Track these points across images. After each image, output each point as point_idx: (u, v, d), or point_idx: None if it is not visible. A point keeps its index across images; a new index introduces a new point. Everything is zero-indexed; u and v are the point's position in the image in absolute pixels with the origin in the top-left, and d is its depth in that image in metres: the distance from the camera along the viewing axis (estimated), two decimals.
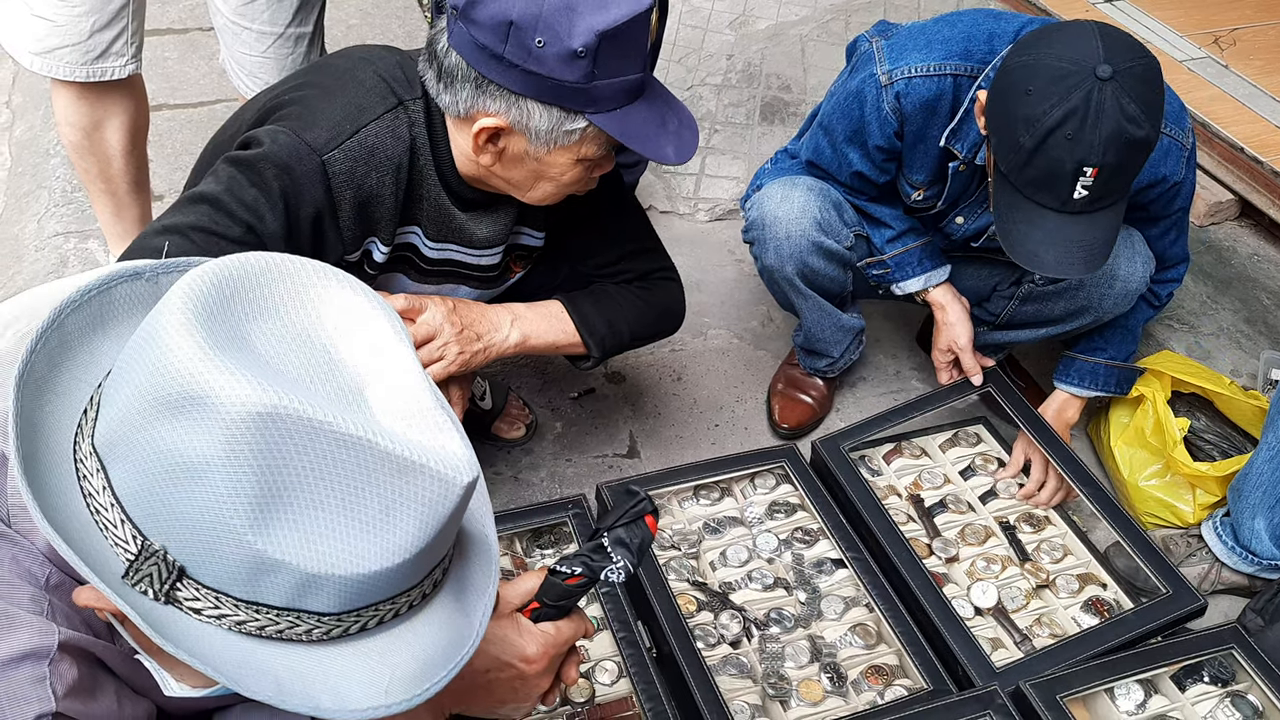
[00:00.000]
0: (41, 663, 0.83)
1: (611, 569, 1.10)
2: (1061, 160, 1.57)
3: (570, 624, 1.14)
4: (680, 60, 3.18)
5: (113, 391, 0.80)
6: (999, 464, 2.05)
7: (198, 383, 0.74)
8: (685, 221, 2.87)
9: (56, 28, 1.90)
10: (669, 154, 1.49)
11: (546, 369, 2.38)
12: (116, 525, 0.79)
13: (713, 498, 1.93)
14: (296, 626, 0.81)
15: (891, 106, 1.83)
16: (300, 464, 0.75)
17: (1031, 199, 1.64)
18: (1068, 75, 1.55)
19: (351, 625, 0.83)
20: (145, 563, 0.78)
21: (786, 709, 1.61)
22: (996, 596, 1.78)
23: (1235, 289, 2.75)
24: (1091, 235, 1.65)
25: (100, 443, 0.80)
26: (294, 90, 1.54)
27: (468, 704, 1.12)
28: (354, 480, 0.77)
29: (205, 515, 0.76)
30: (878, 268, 2.06)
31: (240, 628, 0.81)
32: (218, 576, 0.79)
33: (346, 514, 0.78)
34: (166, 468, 0.76)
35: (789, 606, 1.75)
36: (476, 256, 1.69)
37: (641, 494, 1.13)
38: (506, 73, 1.40)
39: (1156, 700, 1.62)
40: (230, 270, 0.81)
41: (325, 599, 0.80)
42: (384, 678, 0.84)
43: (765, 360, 2.47)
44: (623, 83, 1.42)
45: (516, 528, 1.78)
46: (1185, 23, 3.29)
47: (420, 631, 0.88)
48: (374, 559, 0.79)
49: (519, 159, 1.50)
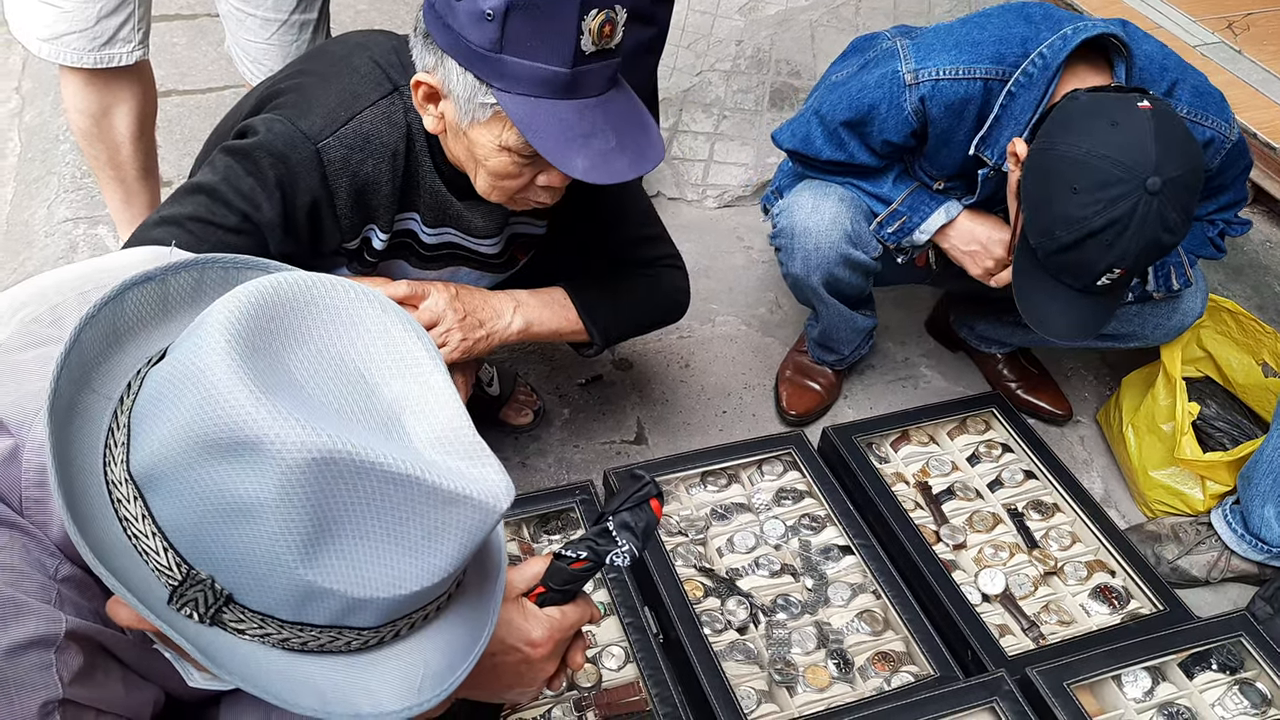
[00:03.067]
0: (48, 650, 0.84)
1: (616, 553, 1.10)
2: (1094, 261, 1.57)
3: (576, 609, 1.15)
4: (689, 46, 3.16)
5: (150, 422, 0.79)
6: (1004, 450, 2.04)
7: (251, 428, 0.74)
8: (693, 208, 2.86)
9: (64, 14, 1.91)
10: (576, 166, 1.38)
11: (554, 355, 2.38)
12: (159, 553, 0.80)
13: (720, 484, 1.93)
14: (338, 640, 0.84)
15: (914, 108, 1.79)
16: (350, 501, 0.77)
17: (1054, 277, 1.65)
18: (1117, 183, 1.52)
19: (388, 635, 0.86)
20: (191, 589, 0.80)
21: (793, 695, 1.61)
22: (1004, 583, 1.78)
23: (1247, 276, 2.74)
24: (1102, 310, 1.68)
25: (138, 472, 0.80)
26: (290, 78, 1.54)
27: (474, 689, 1.12)
28: (400, 512, 0.79)
29: (256, 551, 0.77)
30: (891, 221, 1.98)
31: (283, 644, 0.83)
32: (265, 603, 0.80)
33: (392, 543, 0.80)
34: (217, 507, 0.76)
35: (796, 593, 1.75)
36: (475, 243, 1.69)
37: (646, 478, 1.13)
38: (434, 25, 1.38)
39: (1164, 688, 1.62)
40: (266, 295, 0.81)
41: (368, 617, 0.83)
42: (416, 677, 0.88)
43: (773, 347, 2.46)
44: (537, 69, 1.35)
45: (524, 513, 1.78)
46: (1199, 7, 3.26)
47: (444, 629, 0.91)
48: (415, 580, 0.82)
49: (455, 131, 1.46)
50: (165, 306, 0.90)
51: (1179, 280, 1.96)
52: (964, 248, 1.95)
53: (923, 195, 1.95)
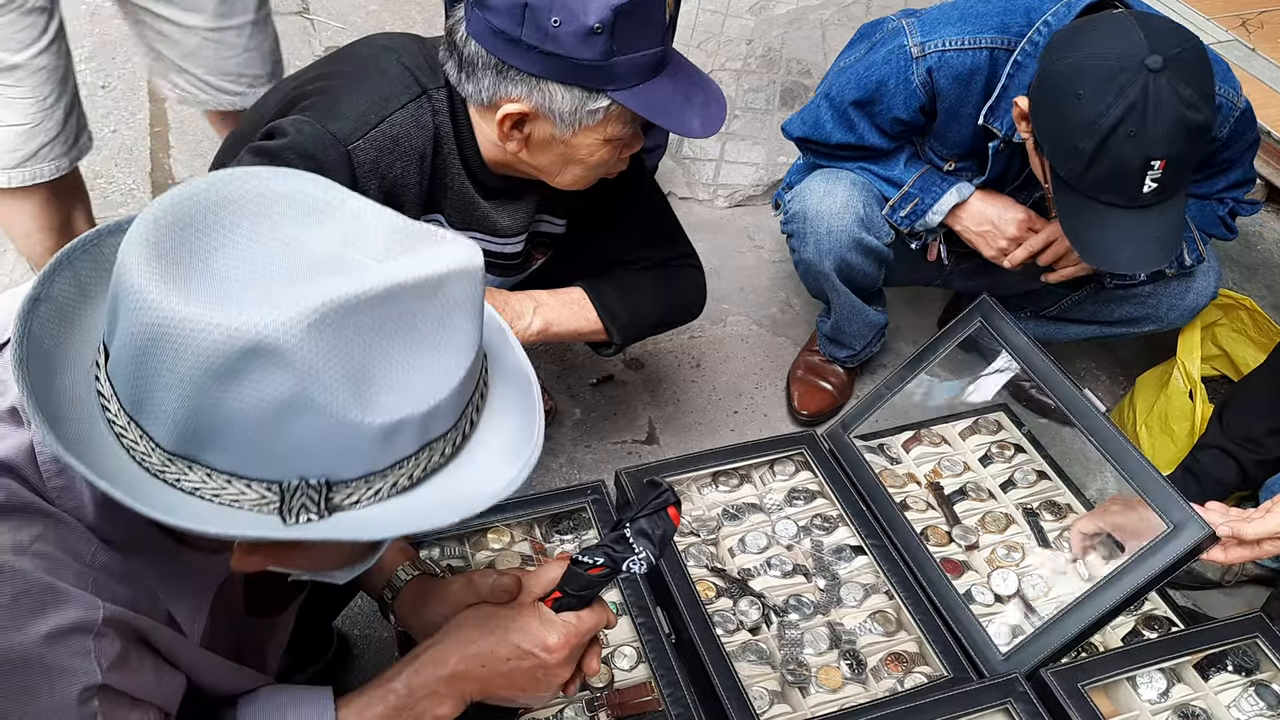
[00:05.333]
0: (87, 636, 0.85)
1: (634, 560, 1.11)
2: (1128, 158, 1.53)
3: (592, 614, 1.15)
4: (700, 45, 3.16)
5: (150, 395, 0.79)
6: (1016, 450, 2.03)
7: (239, 337, 0.75)
8: (704, 207, 2.86)
9: (31, 130, 1.79)
10: (695, 127, 1.48)
11: (566, 355, 2.38)
12: (247, 494, 0.81)
13: (732, 484, 1.92)
14: (433, 456, 0.87)
15: (922, 80, 1.79)
16: (361, 339, 0.79)
17: (1098, 200, 1.60)
18: (1118, 72, 1.51)
19: (465, 428, 0.90)
20: (294, 500, 0.82)
21: (805, 695, 1.61)
22: (1017, 584, 1.77)
23: (1262, 275, 2.72)
24: (1163, 227, 1.62)
25: (176, 447, 0.80)
26: (318, 79, 1.54)
27: (489, 691, 1.13)
28: (405, 322, 0.81)
29: (320, 430, 0.79)
30: (904, 204, 1.97)
31: (395, 490, 0.85)
32: (358, 467, 0.83)
33: (419, 350, 0.82)
34: (263, 423, 0.78)
35: (808, 593, 1.75)
36: (500, 244, 1.69)
37: (665, 485, 1.14)
38: (525, 56, 1.40)
39: (1179, 689, 1.61)
40: (168, 209, 0.80)
41: (442, 422, 0.86)
42: (507, 447, 0.92)
43: (785, 347, 2.46)
44: (642, 57, 1.41)
45: (535, 513, 1.78)
46: (1212, 5, 3.24)
47: (497, 402, 0.95)
48: (456, 369, 0.85)
49: (546, 144, 1.50)
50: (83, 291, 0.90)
51: (1191, 255, 1.95)
52: (976, 229, 1.95)
53: (934, 176, 1.94)
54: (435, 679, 1.10)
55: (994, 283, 2.13)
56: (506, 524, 1.76)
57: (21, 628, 0.82)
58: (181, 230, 0.79)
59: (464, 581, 1.21)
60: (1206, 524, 1.53)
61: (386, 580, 1.29)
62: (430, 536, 1.69)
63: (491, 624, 1.12)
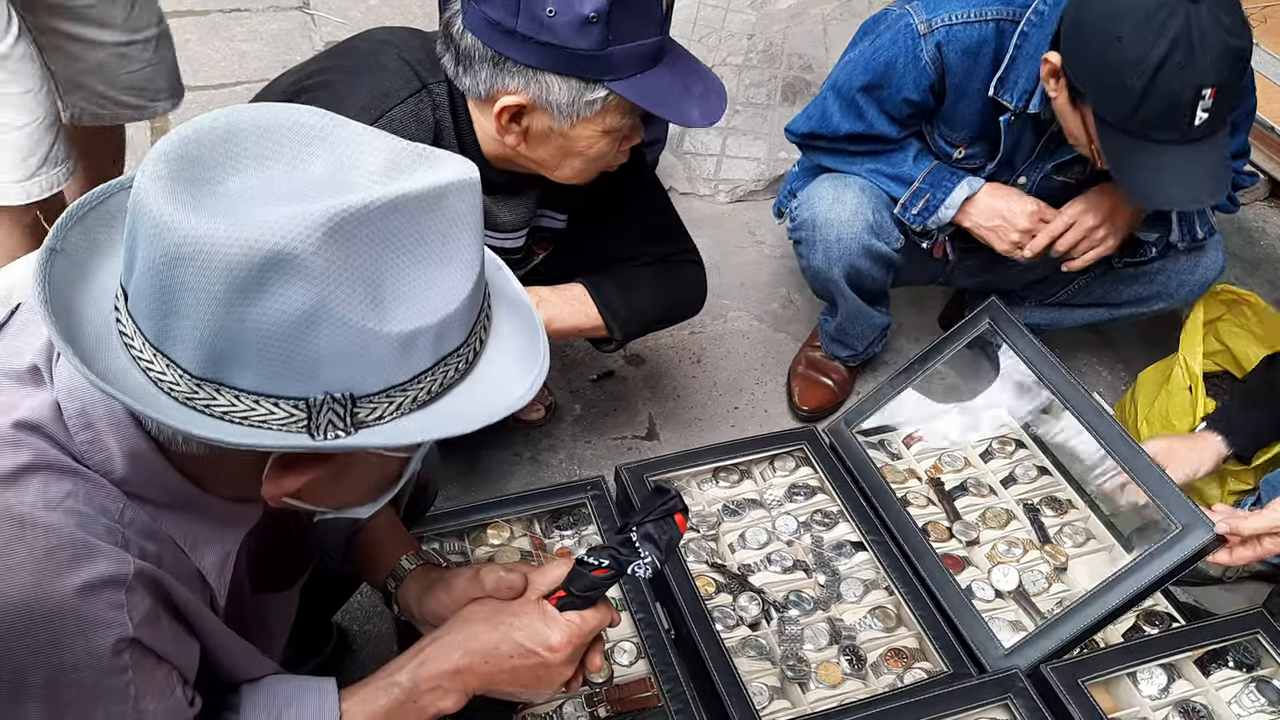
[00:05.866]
0: (119, 590, 0.86)
1: (639, 564, 1.11)
2: (1179, 90, 1.53)
3: (596, 614, 1.15)
4: (701, 40, 3.15)
5: (174, 321, 0.80)
6: (1017, 445, 2.03)
7: (259, 249, 0.76)
8: (705, 203, 2.86)
9: (39, 127, 1.69)
10: (694, 117, 1.48)
11: (566, 351, 2.38)
12: (274, 412, 0.82)
13: (732, 480, 1.92)
14: (450, 371, 0.89)
15: (931, 56, 1.79)
16: (372, 249, 0.80)
17: (1150, 139, 1.59)
18: (1157, 9, 1.52)
19: (474, 347, 0.92)
20: (320, 415, 0.83)
21: (805, 691, 1.61)
22: (1018, 579, 1.77)
23: (1264, 270, 2.72)
24: (1212, 160, 1.62)
25: (204, 371, 0.82)
26: (317, 74, 1.54)
27: (492, 687, 1.14)
28: (413, 235, 0.83)
29: (342, 340, 0.80)
30: (915, 200, 1.96)
31: (417, 404, 0.87)
32: (379, 379, 0.84)
33: (427, 263, 0.84)
34: (284, 336, 0.79)
35: (808, 589, 1.75)
36: (501, 239, 1.69)
37: (672, 491, 1.15)
38: (522, 47, 1.39)
39: (1180, 685, 1.61)
40: (177, 145, 0.82)
41: (454, 336, 0.88)
42: (519, 356, 0.96)
43: (785, 343, 2.46)
44: (639, 47, 1.41)
45: (535, 509, 1.78)
46: None
47: (505, 335, 0.97)
48: (464, 281, 0.87)
49: (544, 136, 1.49)
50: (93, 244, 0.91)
51: (1203, 228, 1.95)
52: (987, 224, 1.94)
53: (943, 171, 1.94)
54: (439, 672, 1.10)
55: (998, 278, 2.12)
56: (506, 519, 1.76)
57: (54, 580, 0.83)
58: (192, 163, 0.81)
59: (470, 574, 1.21)
60: (1213, 526, 1.53)
61: (389, 571, 1.29)
62: (431, 530, 1.69)
63: (496, 620, 1.13)
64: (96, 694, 0.86)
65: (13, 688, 0.83)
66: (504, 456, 2.14)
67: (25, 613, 0.82)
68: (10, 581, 0.82)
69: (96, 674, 0.85)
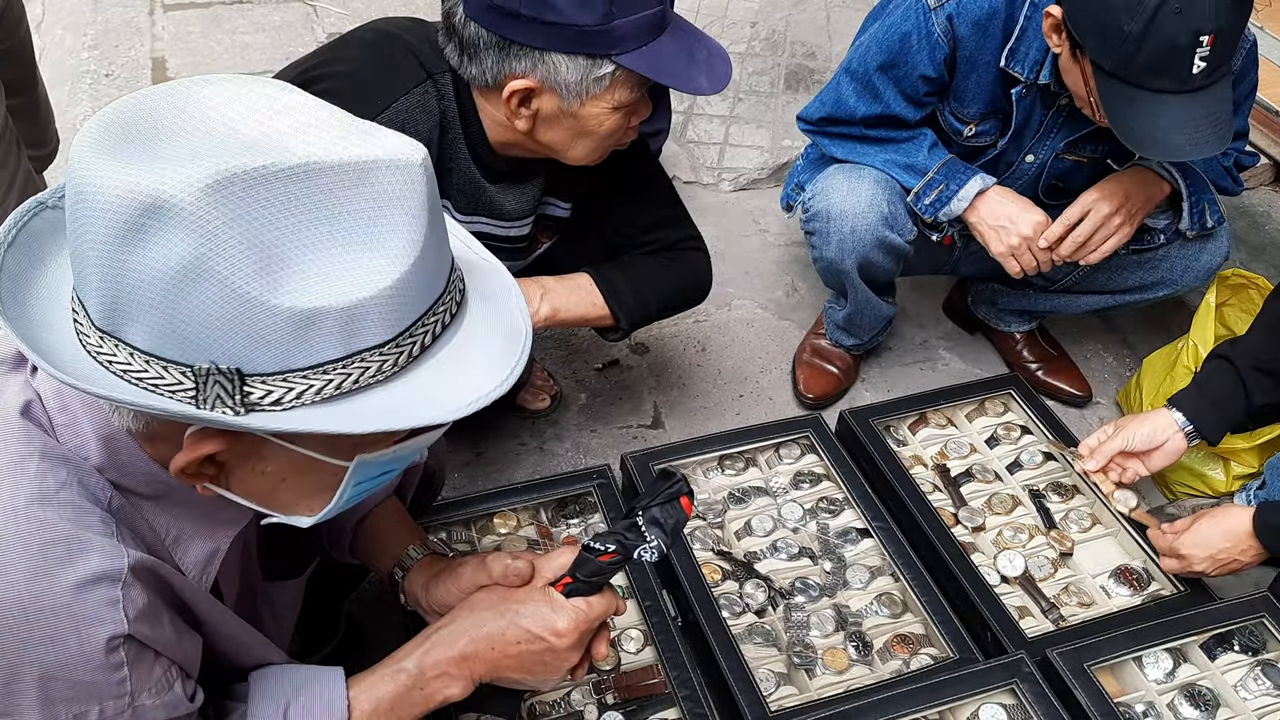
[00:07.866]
0: (114, 585, 0.86)
1: (645, 548, 1.11)
2: (1176, 35, 1.51)
3: (602, 600, 1.15)
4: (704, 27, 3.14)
5: (80, 266, 0.79)
6: (1023, 431, 2.03)
7: (139, 192, 0.74)
8: (709, 191, 2.85)
9: None
10: (702, 84, 1.48)
11: (571, 340, 2.39)
12: (164, 377, 0.79)
13: (738, 468, 1.93)
14: (368, 370, 0.82)
15: (943, 29, 1.79)
16: (271, 213, 0.76)
17: (1148, 88, 1.57)
18: None
19: (412, 347, 0.84)
20: (208, 386, 0.79)
21: (812, 677, 1.61)
22: (1023, 565, 1.78)
23: (1269, 255, 2.71)
24: (1215, 108, 1.59)
25: (103, 322, 0.80)
26: (321, 65, 1.54)
27: (498, 673, 1.14)
28: (324, 206, 0.77)
29: (224, 305, 0.76)
30: (928, 190, 1.95)
31: (319, 396, 0.81)
32: (271, 360, 0.79)
33: (340, 239, 0.78)
34: (165, 289, 0.76)
35: (814, 576, 1.75)
36: (506, 228, 1.69)
37: (678, 475, 1.15)
38: (526, 29, 1.39)
39: (1185, 669, 1.61)
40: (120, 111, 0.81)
41: (373, 329, 0.81)
42: (486, 361, 0.88)
43: (790, 330, 2.46)
44: (643, 18, 1.41)
45: (541, 498, 1.79)
46: None
47: (476, 325, 0.90)
48: (390, 268, 0.80)
49: (554, 118, 1.49)
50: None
51: (1213, 216, 1.94)
52: (992, 223, 1.94)
53: (958, 164, 1.94)
54: (445, 659, 1.11)
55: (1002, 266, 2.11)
56: (513, 509, 1.77)
57: (49, 577, 0.83)
58: (140, 118, 0.79)
59: (477, 563, 1.21)
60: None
61: (396, 560, 1.30)
62: (438, 519, 1.70)
63: (502, 607, 1.13)
64: (92, 691, 0.86)
65: (7, 684, 0.83)
66: (510, 446, 2.14)
67: (19, 610, 0.82)
68: (4, 578, 0.82)
69: (91, 671, 0.85)
